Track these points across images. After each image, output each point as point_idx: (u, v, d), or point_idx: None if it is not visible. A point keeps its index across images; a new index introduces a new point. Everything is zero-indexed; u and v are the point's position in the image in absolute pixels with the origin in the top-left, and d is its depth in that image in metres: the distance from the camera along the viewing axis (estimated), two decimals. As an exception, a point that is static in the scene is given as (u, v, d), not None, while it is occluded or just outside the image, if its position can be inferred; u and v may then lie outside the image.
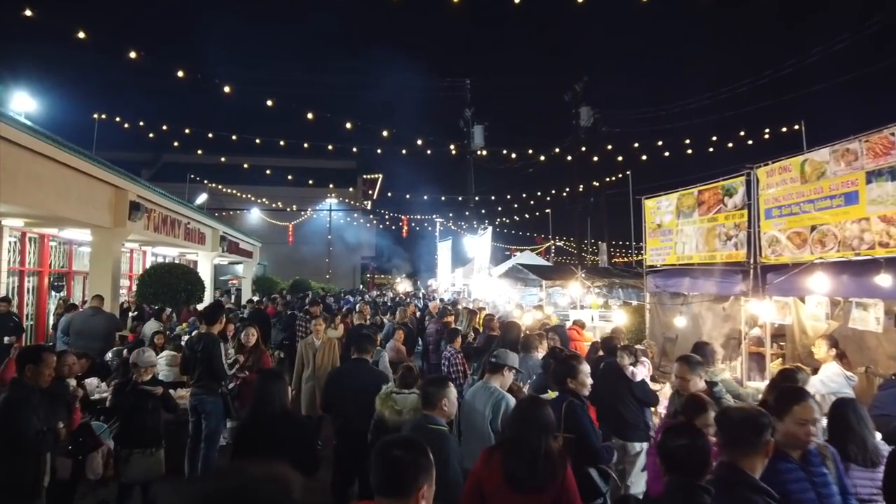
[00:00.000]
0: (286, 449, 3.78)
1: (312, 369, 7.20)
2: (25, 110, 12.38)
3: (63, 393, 4.51)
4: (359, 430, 4.98)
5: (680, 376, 4.65)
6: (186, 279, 12.49)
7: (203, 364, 6.13)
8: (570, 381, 4.44)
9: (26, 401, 3.75)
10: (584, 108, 31.84)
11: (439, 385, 3.90)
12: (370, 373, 5.57)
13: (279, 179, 35.74)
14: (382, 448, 2.17)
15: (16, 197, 8.33)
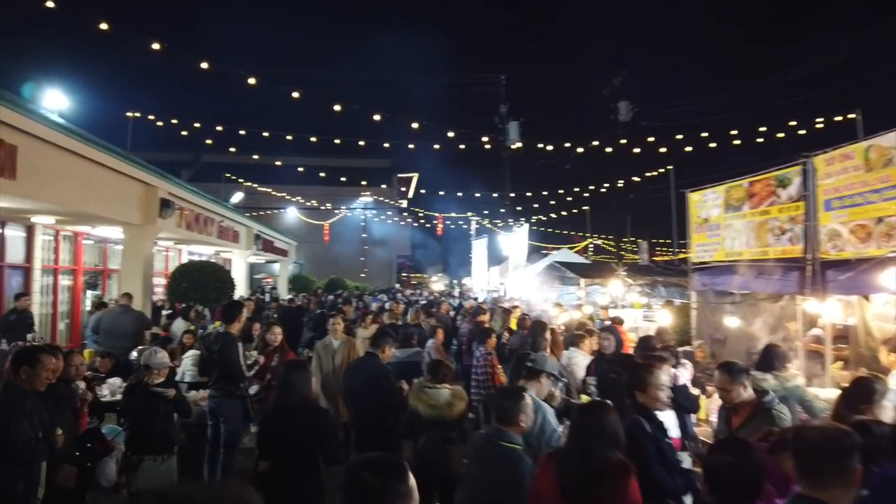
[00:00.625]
0: (310, 438, 3.94)
1: (331, 372, 6.56)
2: (58, 108, 12.38)
3: (68, 396, 4.23)
4: (367, 426, 5.20)
5: (720, 387, 4.09)
6: (217, 277, 12.34)
7: (220, 365, 5.83)
8: (640, 395, 3.78)
9: (17, 405, 3.45)
10: (622, 102, 30.96)
11: (514, 398, 3.49)
12: (374, 368, 5.46)
13: (315, 179, 35.80)
14: (352, 470, 1.76)
15: (39, 193, 8.20)
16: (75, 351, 4.90)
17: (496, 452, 3.33)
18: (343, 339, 7.04)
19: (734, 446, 2.72)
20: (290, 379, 4.15)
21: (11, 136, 7.41)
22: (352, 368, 5.73)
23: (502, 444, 3.35)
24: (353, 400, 5.48)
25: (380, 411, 5.22)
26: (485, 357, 7.18)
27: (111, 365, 7.85)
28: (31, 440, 3.43)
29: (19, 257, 11.42)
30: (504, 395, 3.65)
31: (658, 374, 3.81)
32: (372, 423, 5.23)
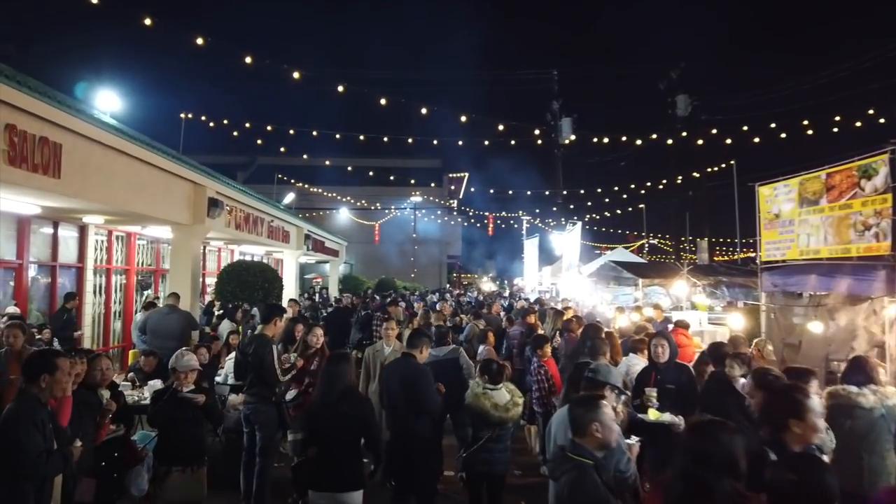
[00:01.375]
0: (352, 426, 4.20)
1: (377, 382, 6.15)
2: (111, 110, 12.50)
3: (90, 403, 3.98)
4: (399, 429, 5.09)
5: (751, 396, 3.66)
6: (263, 277, 12.21)
7: (254, 369, 5.53)
8: (796, 425, 3.00)
9: (30, 416, 3.19)
10: (680, 96, 29.85)
11: (588, 406, 3.12)
12: (411, 368, 5.27)
13: (365, 179, 35.92)
14: None
15: (85, 192, 8.14)
16: (102, 354, 4.65)
17: (566, 466, 2.98)
18: (396, 347, 6.58)
19: (804, 462, 2.48)
20: (332, 370, 4.40)
21: (56, 135, 7.34)
22: (388, 370, 5.55)
23: (571, 457, 2.98)
24: (390, 403, 5.28)
25: (418, 414, 5.05)
26: (537, 369, 6.71)
27: (155, 364, 7.71)
28: (43, 452, 3.16)
29: (72, 257, 11.54)
30: (577, 403, 3.23)
31: (814, 397, 3.19)
32: (409, 426, 5.03)
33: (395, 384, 5.18)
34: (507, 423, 4.91)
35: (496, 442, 4.91)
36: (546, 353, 6.87)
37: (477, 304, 15.32)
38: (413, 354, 5.37)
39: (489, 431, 4.87)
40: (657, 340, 5.62)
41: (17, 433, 3.12)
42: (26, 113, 6.76)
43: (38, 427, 3.17)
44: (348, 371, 4.44)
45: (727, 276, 13.62)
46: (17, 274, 9.98)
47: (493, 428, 4.87)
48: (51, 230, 10.91)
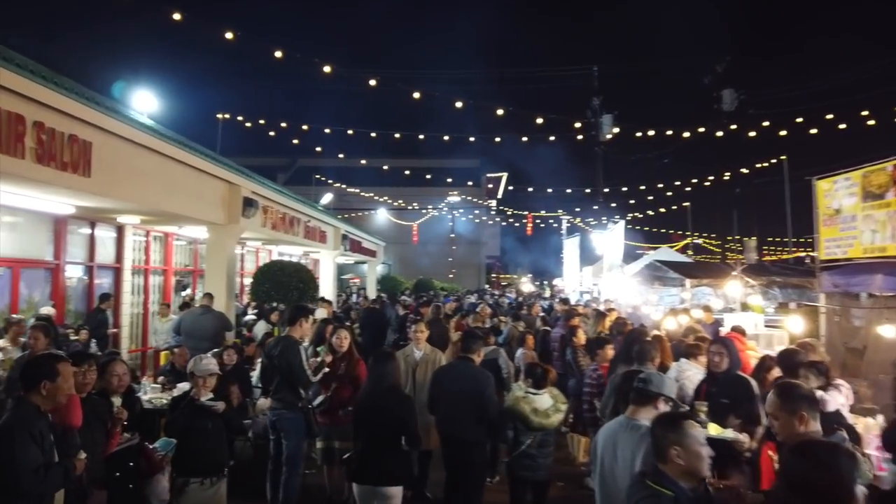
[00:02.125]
0: (394, 422, 4.31)
1: (409, 389, 5.82)
2: (148, 110, 12.53)
3: (101, 412, 3.73)
4: (457, 436, 5.02)
5: (770, 413, 3.10)
6: (298, 277, 12.04)
7: (281, 372, 5.26)
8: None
9: (25, 428, 2.94)
10: (726, 90, 28.83)
11: (668, 426, 2.72)
12: (471, 373, 5.21)
13: (403, 180, 35.88)
14: None
15: (116, 191, 8.04)
16: (117, 359, 4.42)
17: (640, 494, 2.61)
18: (427, 350, 6.29)
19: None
20: (378, 368, 4.57)
21: (85, 133, 7.22)
22: (443, 374, 5.41)
23: (648, 485, 2.60)
24: (446, 407, 5.15)
25: (478, 419, 4.99)
26: (593, 375, 6.29)
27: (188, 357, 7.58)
28: (41, 467, 2.91)
29: (110, 258, 11.56)
30: (658, 422, 2.82)
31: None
32: (465, 432, 5.00)
33: (453, 388, 5.11)
34: (546, 430, 4.86)
35: (538, 447, 4.87)
36: (606, 356, 6.44)
37: (516, 306, 14.89)
38: (471, 358, 5.31)
39: (530, 437, 4.84)
40: (716, 348, 5.09)
41: (11, 447, 2.87)
42: (54, 110, 6.64)
43: (35, 440, 2.92)
44: (394, 369, 4.60)
45: (780, 276, 12.91)
46: (55, 274, 10.00)
47: (533, 433, 4.83)
48: (88, 230, 10.92)
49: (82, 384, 3.65)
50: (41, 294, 9.72)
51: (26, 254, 9.45)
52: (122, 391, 4.17)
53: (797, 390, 3.19)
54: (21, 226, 9.37)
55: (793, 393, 3.14)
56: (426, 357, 6.15)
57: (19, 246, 9.30)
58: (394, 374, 4.59)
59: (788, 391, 3.16)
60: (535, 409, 4.83)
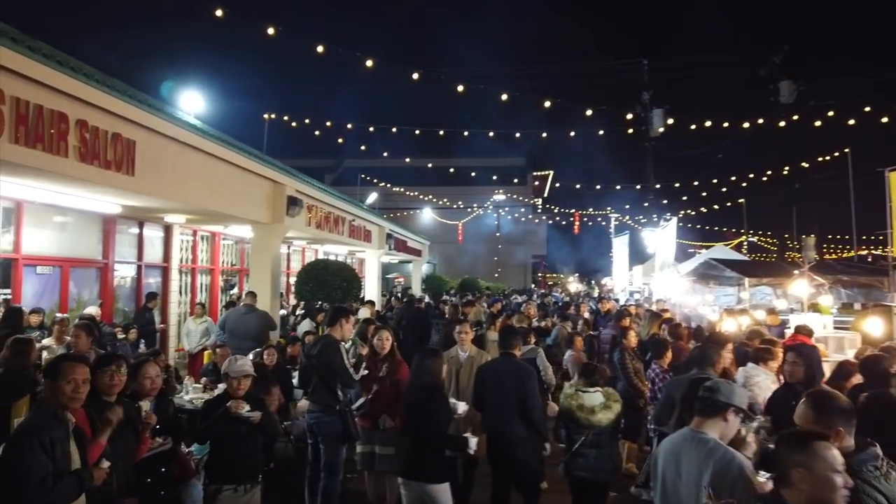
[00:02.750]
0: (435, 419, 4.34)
1: (453, 392, 5.56)
2: (195, 110, 12.63)
3: (132, 415, 3.57)
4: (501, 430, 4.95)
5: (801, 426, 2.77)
6: (342, 276, 11.91)
7: (320, 373, 5.05)
8: None
9: (36, 433, 2.76)
10: (784, 82, 27.64)
11: (796, 444, 2.39)
12: (516, 367, 5.19)
13: (449, 179, 35.73)
14: None
15: (160, 189, 8.02)
16: (149, 360, 4.27)
17: None
18: (472, 352, 6.00)
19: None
20: (420, 363, 4.60)
21: (129, 131, 7.21)
22: (488, 370, 5.36)
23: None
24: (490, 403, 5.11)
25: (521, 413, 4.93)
26: (661, 377, 5.92)
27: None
28: (49, 476, 2.72)
29: (157, 257, 11.67)
30: (783, 440, 2.49)
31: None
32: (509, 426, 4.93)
33: (496, 383, 5.07)
34: (595, 427, 4.80)
35: (591, 447, 4.81)
36: (667, 359, 6.09)
37: (564, 305, 14.46)
38: (513, 353, 5.31)
39: (581, 435, 4.83)
40: (792, 356, 4.60)
41: (20, 454, 2.71)
42: (97, 108, 6.63)
43: (44, 447, 2.73)
44: (436, 366, 4.58)
45: (847, 275, 12.14)
46: (103, 273, 10.12)
47: (584, 431, 4.82)
48: (136, 230, 11.05)
49: (109, 386, 3.49)
50: (90, 293, 9.84)
51: (75, 253, 9.59)
52: (155, 394, 4.02)
53: (834, 402, 2.88)
54: (70, 225, 9.51)
55: (829, 406, 2.83)
56: (471, 359, 5.88)
57: (68, 245, 9.43)
58: (432, 370, 4.56)
59: (824, 403, 2.86)
60: (580, 406, 4.83)
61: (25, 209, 8.46)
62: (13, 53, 5.35)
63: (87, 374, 3.00)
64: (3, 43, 5.22)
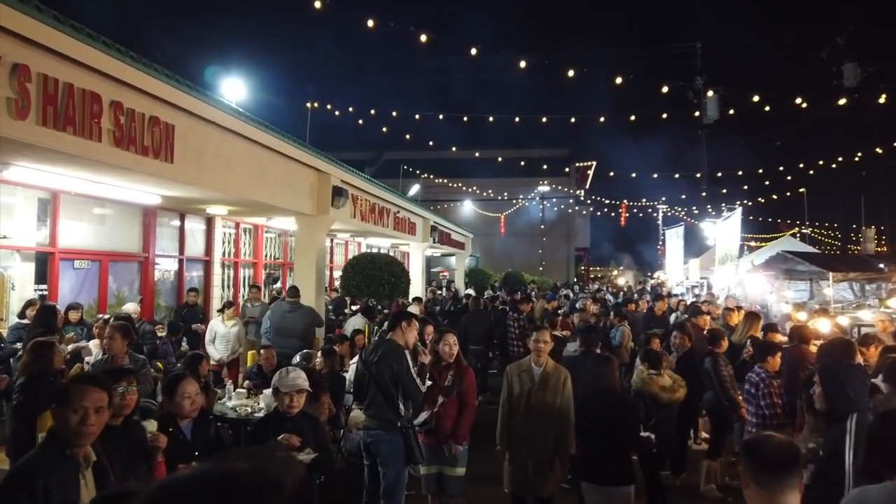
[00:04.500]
0: (615, 427, 4.32)
1: (522, 414, 4.64)
2: (236, 98, 12.15)
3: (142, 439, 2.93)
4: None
5: None
6: (390, 270, 11.29)
7: (378, 384, 4.39)
8: None
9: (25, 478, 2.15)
10: (848, 64, 26.05)
11: None
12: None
13: (490, 171, 35.05)
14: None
15: (202, 178, 7.49)
16: (189, 375, 3.64)
17: None
18: (550, 367, 4.85)
19: None
20: (597, 370, 4.57)
21: (167, 114, 6.68)
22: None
23: None
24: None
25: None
26: (767, 382, 5.12)
27: (276, 361, 6.94)
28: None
29: (199, 250, 11.25)
30: None
31: None
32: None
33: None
34: (675, 404, 5.50)
35: (665, 423, 5.37)
36: (775, 363, 5.30)
37: (623, 301, 13.58)
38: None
39: (658, 413, 5.31)
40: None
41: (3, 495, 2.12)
42: (133, 88, 6.10)
43: (34, 497, 2.12)
44: (611, 373, 4.56)
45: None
46: (144, 267, 9.71)
47: (662, 409, 5.38)
48: (177, 222, 10.63)
49: (120, 406, 2.89)
50: (130, 288, 9.44)
51: (115, 246, 9.17)
52: (195, 415, 3.40)
53: None
54: (109, 218, 9.10)
55: None
56: (548, 376, 4.79)
57: (107, 238, 9.02)
58: (611, 377, 4.57)
59: None
60: (662, 387, 5.44)
61: (62, 201, 8.05)
62: (38, 24, 4.82)
63: (104, 401, 2.39)
64: (26, 11, 4.69)
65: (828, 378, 3.28)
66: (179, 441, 3.24)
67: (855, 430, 3.00)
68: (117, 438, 2.70)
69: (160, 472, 2.95)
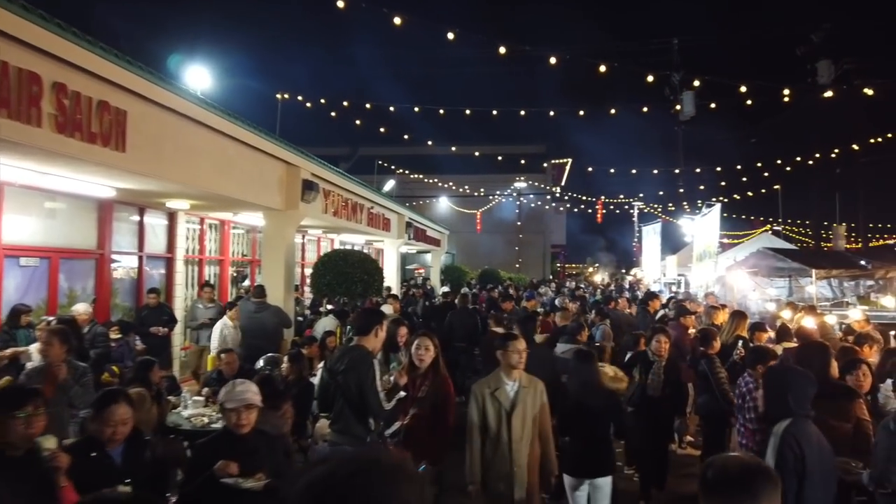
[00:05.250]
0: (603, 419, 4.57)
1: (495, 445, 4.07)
2: (201, 87, 11.57)
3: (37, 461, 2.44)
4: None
5: None
6: (363, 268, 10.83)
7: (345, 395, 3.95)
8: None
9: None
10: (822, 62, 26.23)
11: None
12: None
13: (466, 167, 34.72)
14: None
15: (159, 169, 6.95)
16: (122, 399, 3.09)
17: None
18: (525, 382, 4.23)
19: None
20: (578, 367, 4.82)
21: (118, 99, 6.14)
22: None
23: None
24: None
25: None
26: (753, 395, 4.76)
27: (237, 365, 6.46)
28: None
29: (161, 247, 10.66)
30: None
31: None
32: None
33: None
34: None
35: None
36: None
37: (604, 299, 13.31)
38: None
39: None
40: None
41: None
42: (79, 70, 5.57)
43: None
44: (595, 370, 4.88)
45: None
46: (99, 265, 9.11)
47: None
48: (137, 217, 10.02)
49: (24, 436, 2.43)
50: (83, 287, 8.83)
51: (67, 242, 8.56)
52: (122, 441, 2.91)
53: None
54: (60, 212, 8.48)
55: None
56: (524, 392, 4.17)
57: (58, 234, 8.40)
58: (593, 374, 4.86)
59: None
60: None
61: (7, 193, 7.43)
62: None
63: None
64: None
65: (772, 383, 3.42)
66: (105, 467, 2.76)
67: (781, 434, 3.13)
68: (20, 470, 2.22)
69: (67, 495, 2.45)
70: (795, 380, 3.31)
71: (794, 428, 3.11)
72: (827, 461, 3.15)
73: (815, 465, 3.01)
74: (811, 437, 3.10)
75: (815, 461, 3.02)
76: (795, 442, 3.04)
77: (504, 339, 4.38)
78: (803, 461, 3.00)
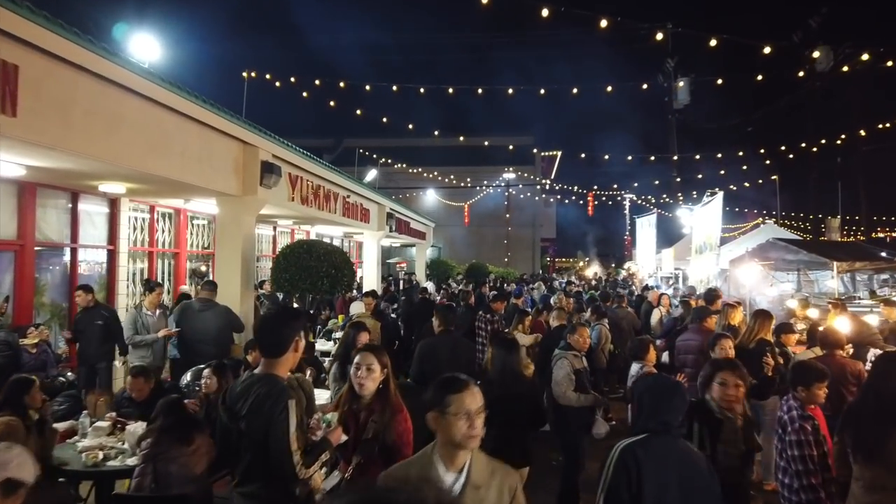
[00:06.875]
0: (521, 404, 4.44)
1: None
2: (147, 58, 10.24)
3: None
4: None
5: None
6: (329, 261, 9.58)
7: (253, 447, 2.71)
8: None
9: None
10: (821, 47, 25.36)
11: None
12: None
13: (454, 159, 33.63)
14: None
15: (68, 139, 5.67)
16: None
17: None
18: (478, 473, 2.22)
19: None
20: (501, 356, 4.64)
21: (7, 51, 4.90)
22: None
23: None
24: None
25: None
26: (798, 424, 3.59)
27: (149, 388, 5.20)
28: None
29: (100, 238, 9.38)
30: None
31: None
32: None
33: None
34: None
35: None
36: (818, 396, 3.74)
37: (602, 297, 12.17)
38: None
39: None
40: None
41: None
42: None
43: None
44: (515, 359, 4.66)
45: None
46: (19, 257, 7.83)
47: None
48: (68, 203, 8.74)
49: None
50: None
51: (-27, 231, 7.30)
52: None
53: None
54: (-36, 195, 7.20)
55: None
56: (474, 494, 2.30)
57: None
58: (515, 361, 4.67)
59: None
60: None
61: None
62: None
63: None
64: None
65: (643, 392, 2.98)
66: None
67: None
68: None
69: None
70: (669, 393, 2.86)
71: (655, 444, 2.70)
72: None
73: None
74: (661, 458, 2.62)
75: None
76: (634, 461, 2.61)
77: (443, 389, 2.38)
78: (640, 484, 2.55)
